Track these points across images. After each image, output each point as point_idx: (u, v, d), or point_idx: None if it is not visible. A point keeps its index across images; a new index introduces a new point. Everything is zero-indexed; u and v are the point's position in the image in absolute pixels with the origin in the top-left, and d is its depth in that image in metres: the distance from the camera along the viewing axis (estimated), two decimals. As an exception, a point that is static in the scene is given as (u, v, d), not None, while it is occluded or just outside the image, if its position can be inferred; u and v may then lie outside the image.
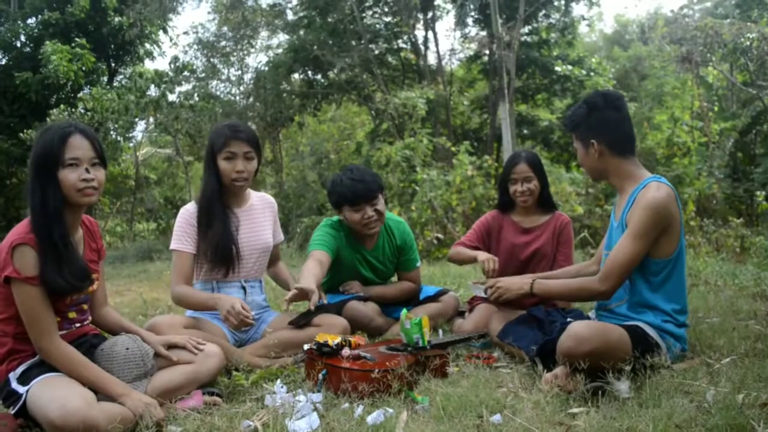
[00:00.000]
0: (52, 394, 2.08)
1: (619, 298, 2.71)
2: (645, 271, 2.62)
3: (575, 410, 2.18)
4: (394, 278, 3.93)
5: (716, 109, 13.62)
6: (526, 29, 15.38)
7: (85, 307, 2.47)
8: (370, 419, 2.14)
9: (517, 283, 2.91)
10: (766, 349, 2.75)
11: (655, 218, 2.52)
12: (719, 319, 3.43)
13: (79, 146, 2.26)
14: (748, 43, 12.30)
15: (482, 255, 3.30)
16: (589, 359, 2.28)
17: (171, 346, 2.54)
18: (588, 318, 2.89)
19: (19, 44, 16.86)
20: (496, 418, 2.11)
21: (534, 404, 2.22)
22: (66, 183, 2.24)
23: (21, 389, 2.19)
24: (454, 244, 3.71)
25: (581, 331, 2.36)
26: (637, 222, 2.54)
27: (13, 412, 2.20)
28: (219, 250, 3.02)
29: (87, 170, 2.27)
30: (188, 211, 3.11)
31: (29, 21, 16.94)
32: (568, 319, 2.75)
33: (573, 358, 2.32)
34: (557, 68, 15.36)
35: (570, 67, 15.19)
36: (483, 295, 3.10)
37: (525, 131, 16.09)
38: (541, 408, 2.18)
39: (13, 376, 2.24)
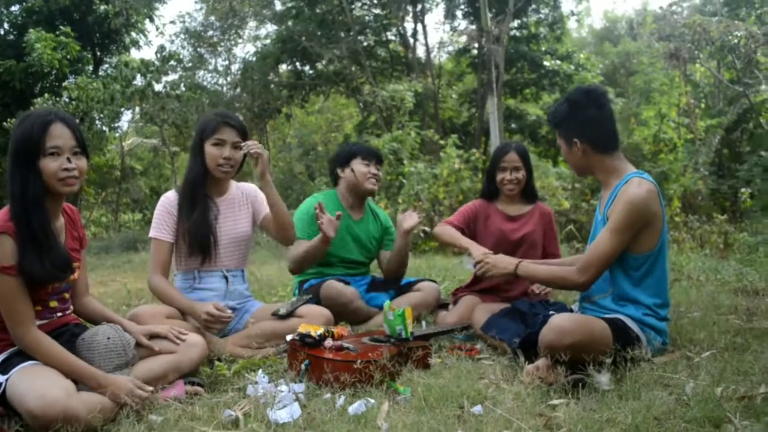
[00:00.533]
0: (31, 383, 2.06)
1: (602, 290, 2.73)
2: (625, 265, 2.63)
3: (556, 402, 2.19)
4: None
5: (703, 106, 13.71)
6: (515, 23, 15.42)
7: (67, 296, 2.45)
8: (351, 409, 2.14)
9: (504, 262, 2.91)
10: (745, 343, 2.78)
11: (635, 214, 2.53)
12: (700, 313, 3.47)
13: (60, 135, 2.23)
14: (735, 41, 12.37)
15: (476, 250, 3.24)
16: (571, 352, 2.30)
17: (153, 336, 2.53)
18: (571, 311, 2.91)
19: (2, 32, 16.66)
20: (477, 409, 2.11)
21: (515, 396, 2.23)
22: (47, 172, 2.21)
23: (0, 378, 2.16)
24: (440, 222, 3.72)
25: (563, 324, 2.38)
26: (617, 217, 2.55)
27: (-8, 401, 2.18)
28: (197, 237, 3.02)
29: (69, 159, 2.24)
30: (168, 199, 3.10)
31: (12, 8, 16.72)
32: (551, 312, 2.76)
33: (555, 350, 2.33)
34: (546, 63, 15.43)
35: (558, 62, 15.25)
36: (473, 269, 3.11)
37: (513, 125, 16.14)
38: (521, 399, 2.19)
39: (-8, 365, 2.21)
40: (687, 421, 1.92)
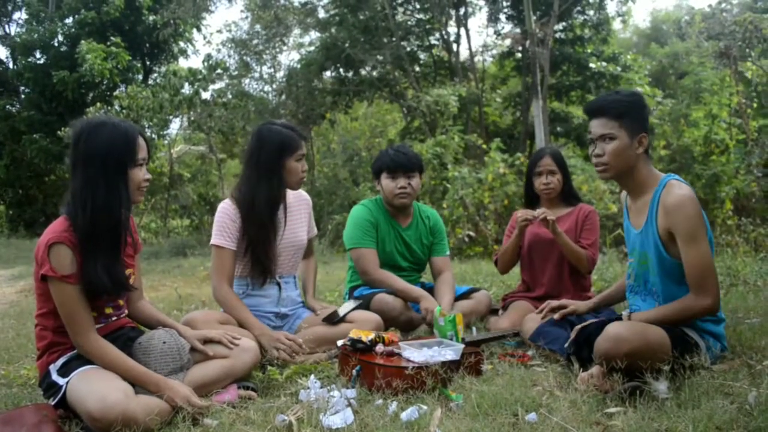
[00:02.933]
0: (91, 386, 2.12)
1: (650, 305, 2.66)
2: (674, 273, 2.55)
3: (612, 410, 2.14)
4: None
5: (755, 105, 13.31)
6: (560, 25, 15.23)
7: (121, 302, 2.51)
8: (404, 416, 2.13)
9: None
10: (809, 350, 2.68)
11: (698, 211, 2.46)
12: (760, 319, 3.35)
13: (143, 146, 2.34)
14: (788, 37, 12.00)
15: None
16: (628, 360, 2.24)
17: (207, 341, 2.57)
18: (620, 317, 2.84)
19: (56, 44, 17.23)
20: (532, 416, 2.09)
21: (570, 403, 2.20)
22: (134, 181, 2.31)
23: (61, 381, 2.23)
24: (494, 253, 3.82)
25: (620, 332, 2.32)
26: (687, 223, 2.44)
27: (53, 403, 2.25)
28: (263, 265, 3.05)
29: (147, 171, 2.36)
30: (229, 206, 3.08)
31: (66, 21, 17.28)
32: (601, 318, 2.71)
33: (612, 359, 2.27)
34: (591, 65, 15.19)
35: (605, 63, 14.99)
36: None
37: (558, 129, 15.92)
38: (577, 407, 2.16)
39: (53, 368, 2.28)
40: (750, 431, 1.86)
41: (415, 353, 2.56)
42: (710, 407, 2.02)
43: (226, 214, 3.06)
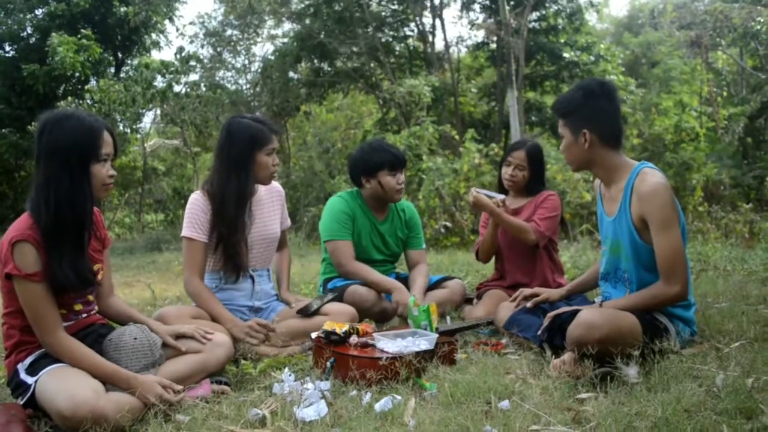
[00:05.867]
0: (60, 385, 2.09)
1: (622, 292, 2.69)
2: (647, 259, 2.58)
3: (583, 395, 2.17)
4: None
5: (725, 94, 13.51)
6: (533, 15, 15.28)
7: (91, 298, 2.47)
8: (378, 406, 2.14)
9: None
10: (775, 333, 2.73)
11: (671, 200, 2.50)
12: (728, 304, 3.42)
13: (109, 142, 2.28)
14: (758, 27, 12.18)
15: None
16: (600, 346, 2.27)
17: (179, 336, 2.54)
18: (593, 303, 2.87)
19: (25, 36, 16.90)
20: (505, 403, 2.10)
21: (542, 390, 2.22)
22: (98, 177, 2.25)
23: (29, 380, 2.20)
24: (473, 246, 3.80)
25: (592, 318, 2.35)
26: (660, 212, 2.48)
27: (22, 402, 2.21)
28: (234, 261, 3.03)
29: (112, 166, 2.31)
30: (200, 199, 3.04)
31: (36, 12, 16.96)
32: (574, 306, 2.74)
33: (584, 345, 2.29)
34: (565, 54, 15.27)
35: (578, 53, 15.09)
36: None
37: (533, 118, 16.00)
38: (549, 393, 2.18)
39: (21, 367, 2.25)
40: (718, 413, 1.89)
41: (389, 344, 2.57)
42: (679, 390, 2.05)
43: (197, 206, 3.02)
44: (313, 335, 2.74)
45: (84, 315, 2.43)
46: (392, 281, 3.49)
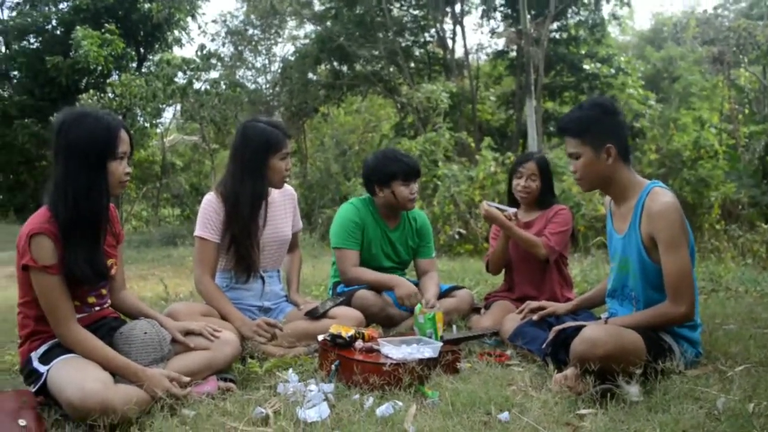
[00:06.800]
0: (70, 375, 2.14)
1: (628, 310, 2.70)
2: (655, 278, 2.59)
3: (583, 411, 2.18)
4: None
5: (747, 112, 13.37)
6: (554, 25, 15.26)
7: (104, 291, 2.52)
8: (379, 411, 2.17)
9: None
10: (781, 358, 2.72)
11: (681, 220, 2.51)
12: (736, 326, 3.40)
13: (125, 140, 2.34)
14: (782, 45, 12.08)
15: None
16: (602, 363, 2.28)
17: (188, 333, 2.59)
18: (599, 318, 2.88)
19: (50, 28, 17.14)
20: (504, 415, 2.12)
21: (542, 404, 2.23)
22: (115, 174, 2.31)
23: (42, 368, 2.25)
24: (484, 256, 3.88)
25: (596, 335, 2.35)
26: (669, 232, 2.49)
27: (34, 390, 2.27)
28: (246, 264, 3.07)
29: (128, 163, 2.37)
30: (214, 200, 3.09)
31: (61, 6, 17.19)
32: (579, 321, 2.75)
33: (587, 361, 2.30)
34: (585, 66, 15.23)
35: (599, 65, 15.04)
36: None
37: (551, 129, 15.95)
38: (549, 408, 2.19)
39: (34, 356, 2.30)
40: (716, 437, 1.90)
41: (394, 350, 2.60)
42: (679, 411, 2.06)
43: (210, 207, 3.07)
44: (320, 338, 2.77)
45: (97, 308, 2.48)
46: (392, 277, 3.54)
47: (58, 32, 16.83)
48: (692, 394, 2.30)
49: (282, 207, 3.30)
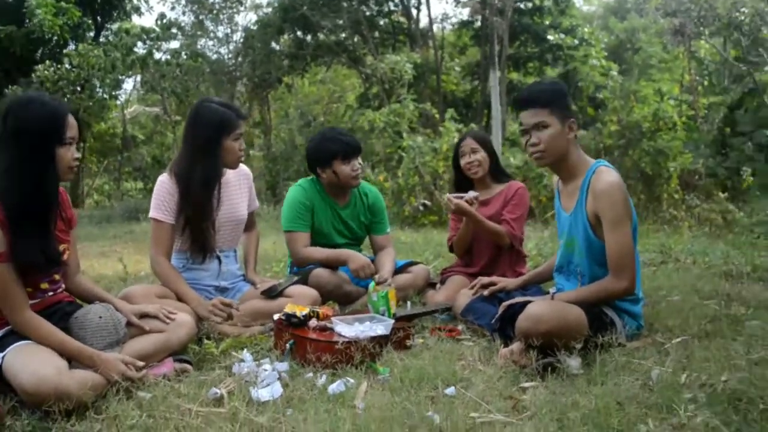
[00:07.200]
0: (24, 361, 2.15)
1: (573, 285, 2.80)
2: (600, 255, 2.69)
3: (526, 385, 2.28)
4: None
5: (706, 83, 13.59)
6: (519, -4, 15.27)
7: (57, 276, 2.52)
8: (330, 389, 2.23)
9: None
10: (716, 329, 2.84)
11: (625, 198, 2.60)
12: (680, 297, 3.51)
13: (72, 125, 2.32)
14: (742, 17, 12.28)
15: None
16: (546, 338, 2.37)
17: (143, 315, 2.61)
18: (548, 293, 2.97)
19: (3, -4, 16.55)
20: (450, 390, 2.20)
21: (488, 378, 2.33)
22: (63, 160, 2.30)
23: (-4, 356, 2.26)
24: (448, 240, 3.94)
25: (539, 311, 2.44)
26: (614, 210, 2.58)
27: (-13, 377, 2.27)
28: (202, 246, 3.09)
29: (77, 149, 2.36)
30: (168, 180, 3.10)
31: (13, -28, 16.59)
32: (527, 297, 2.84)
33: (530, 337, 2.40)
34: (549, 36, 15.29)
35: (563, 35, 15.11)
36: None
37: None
38: (493, 382, 2.29)
39: (-12, 343, 2.30)
40: (647, 407, 2.00)
41: (346, 328, 2.66)
42: (615, 383, 2.16)
43: (164, 188, 3.07)
44: (275, 317, 2.82)
45: (50, 293, 2.48)
46: (342, 251, 3.59)
47: (11, 0, 16.29)
48: (630, 366, 2.40)
49: (237, 187, 3.31)
